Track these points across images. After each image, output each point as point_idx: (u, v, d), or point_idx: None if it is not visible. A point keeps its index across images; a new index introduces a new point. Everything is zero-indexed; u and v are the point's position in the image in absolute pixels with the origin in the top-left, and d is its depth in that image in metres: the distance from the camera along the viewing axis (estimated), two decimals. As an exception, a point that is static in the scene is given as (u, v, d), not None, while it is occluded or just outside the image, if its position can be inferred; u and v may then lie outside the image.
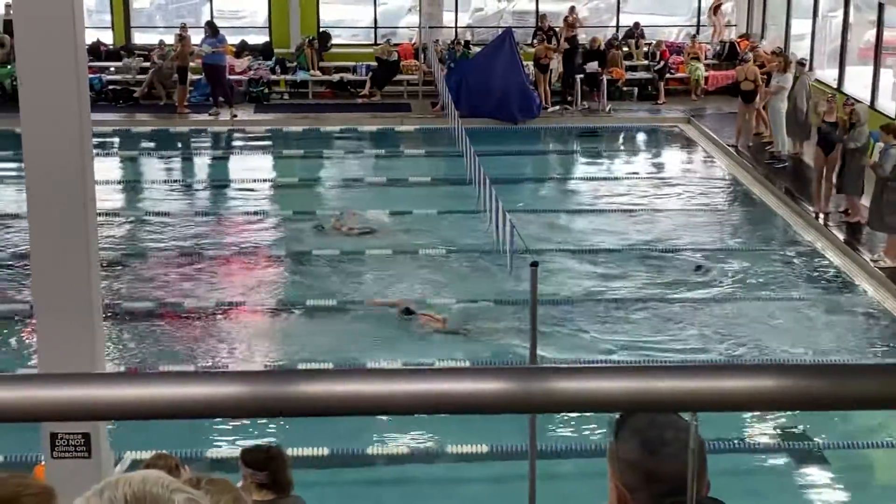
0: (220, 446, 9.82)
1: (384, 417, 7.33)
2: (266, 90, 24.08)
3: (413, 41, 25.47)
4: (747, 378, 1.65)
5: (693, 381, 1.64)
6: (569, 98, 23.50)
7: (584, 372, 1.65)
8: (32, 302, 7.06)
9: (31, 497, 2.31)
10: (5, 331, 12.54)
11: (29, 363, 11.25)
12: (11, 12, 24.61)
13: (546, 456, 9.13)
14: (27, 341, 11.86)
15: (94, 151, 7.42)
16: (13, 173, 18.64)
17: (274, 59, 24.70)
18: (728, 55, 25.00)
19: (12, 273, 14.27)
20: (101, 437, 6.73)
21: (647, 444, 2.38)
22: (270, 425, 10.17)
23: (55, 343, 6.74)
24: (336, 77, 24.68)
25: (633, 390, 1.63)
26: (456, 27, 26.19)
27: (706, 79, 24.59)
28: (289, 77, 24.53)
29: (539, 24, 25.10)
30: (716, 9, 26.18)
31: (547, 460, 9.15)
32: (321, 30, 25.49)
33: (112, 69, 24.09)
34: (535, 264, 7.52)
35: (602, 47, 24.35)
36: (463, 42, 24.83)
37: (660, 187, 18.91)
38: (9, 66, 22.83)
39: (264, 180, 19.26)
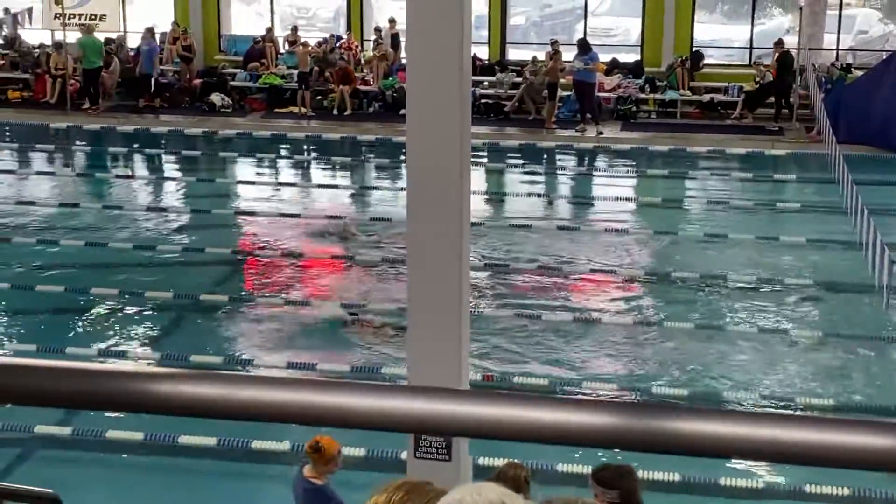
0: (569, 461, 9.80)
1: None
2: (634, 108, 24.06)
3: (789, 62, 24.61)
4: None
5: None
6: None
7: None
8: (407, 310, 7.32)
9: None
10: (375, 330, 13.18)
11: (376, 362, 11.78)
12: (396, 28, 25.93)
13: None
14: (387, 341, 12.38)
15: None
16: (389, 181, 19.64)
17: (644, 77, 24.63)
18: None
19: (382, 276, 14.94)
20: (463, 443, 6.88)
21: None
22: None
23: (424, 351, 6.96)
24: (706, 97, 24.28)
25: None
26: (837, 49, 25.07)
27: None
28: (658, 96, 24.39)
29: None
30: None
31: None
32: (694, 49, 25.15)
33: (485, 83, 24.85)
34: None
35: None
36: (842, 65, 23.73)
37: None
38: (390, 79, 24.07)
39: (627, 198, 19.21)
